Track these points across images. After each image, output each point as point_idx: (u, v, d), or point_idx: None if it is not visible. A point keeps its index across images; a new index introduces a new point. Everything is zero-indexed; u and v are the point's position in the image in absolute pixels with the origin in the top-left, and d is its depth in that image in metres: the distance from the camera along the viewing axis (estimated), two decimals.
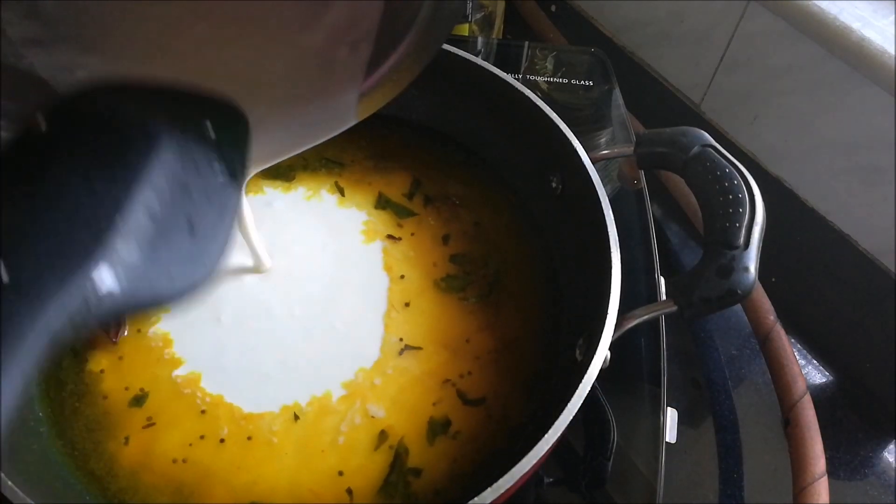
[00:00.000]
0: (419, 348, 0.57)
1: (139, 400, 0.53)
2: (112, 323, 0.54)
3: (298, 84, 0.37)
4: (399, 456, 0.52)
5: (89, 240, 0.26)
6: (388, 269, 0.62)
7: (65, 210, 0.26)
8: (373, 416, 0.53)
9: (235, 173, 0.32)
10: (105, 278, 0.26)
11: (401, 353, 0.57)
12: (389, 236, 0.64)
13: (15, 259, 0.25)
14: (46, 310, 0.25)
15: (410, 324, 0.59)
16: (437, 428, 0.53)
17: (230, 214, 0.33)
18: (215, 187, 0.31)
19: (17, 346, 0.24)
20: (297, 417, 0.53)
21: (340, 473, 0.51)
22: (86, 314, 0.26)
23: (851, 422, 0.69)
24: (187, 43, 0.30)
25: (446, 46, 0.64)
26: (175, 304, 0.31)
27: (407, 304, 0.60)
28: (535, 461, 0.41)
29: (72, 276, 0.25)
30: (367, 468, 0.51)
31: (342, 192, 0.67)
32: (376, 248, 0.63)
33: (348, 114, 0.42)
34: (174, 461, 0.51)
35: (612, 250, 0.51)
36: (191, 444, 0.52)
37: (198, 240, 0.30)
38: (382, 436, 0.53)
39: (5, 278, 0.24)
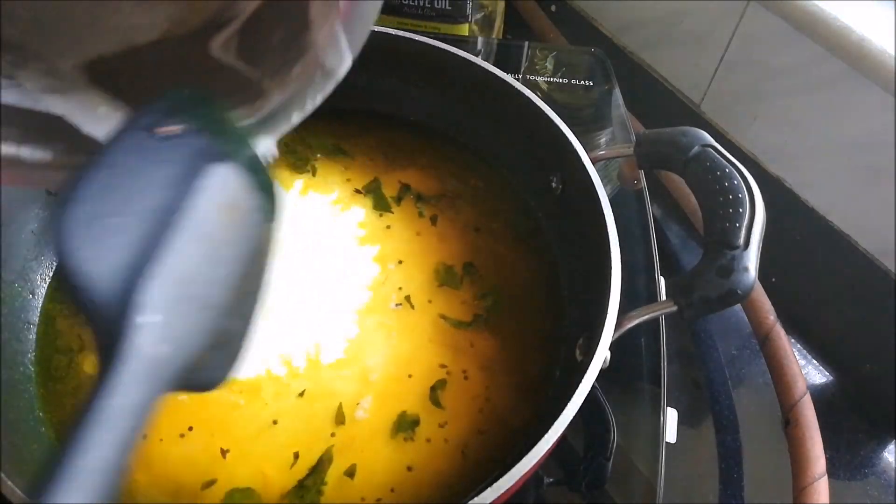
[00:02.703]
0: (418, 347, 0.57)
1: None
2: None
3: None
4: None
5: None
6: (381, 262, 0.62)
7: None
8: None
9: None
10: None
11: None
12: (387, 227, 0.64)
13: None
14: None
15: (408, 321, 0.59)
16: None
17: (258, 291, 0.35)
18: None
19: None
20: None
21: None
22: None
23: (851, 422, 0.69)
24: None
25: (446, 46, 0.64)
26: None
27: (407, 298, 0.60)
28: (535, 461, 0.42)
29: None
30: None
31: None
32: (371, 242, 0.64)
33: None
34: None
35: (612, 250, 0.51)
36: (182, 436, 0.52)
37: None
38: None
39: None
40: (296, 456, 0.51)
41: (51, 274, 0.61)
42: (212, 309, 0.30)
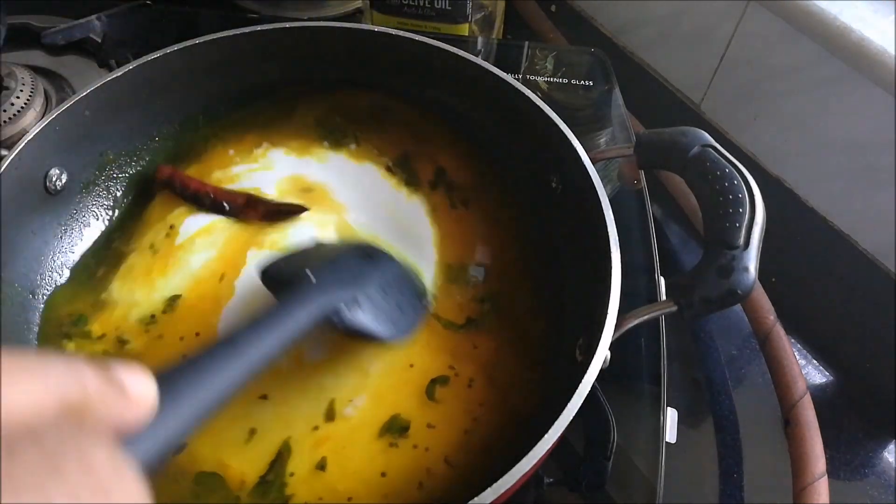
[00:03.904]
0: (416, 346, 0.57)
1: None
2: None
3: None
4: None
5: (350, 291, 0.50)
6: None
7: (347, 274, 0.52)
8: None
9: (422, 302, 0.59)
10: (348, 309, 0.48)
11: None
12: None
13: (324, 272, 0.49)
14: (322, 302, 0.47)
15: None
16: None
17: (418, 314, 0.58)
18: (413, 301, 0.58)
19: (311, 305, 0.46)
20: None
21: None
22: (338, 316, 0.48)
23: (851, 422, 0.69)
24: None
25: (447, 46, 0.64)
26: (377, 341, 0.53)
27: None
28: (534, 461, 0.41)
29: (337, 297, 0.48)
30: None
31: None
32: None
33: None
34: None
35: (612, 250, 0.51)
36: None
37: (402, 315, 0.55)
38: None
39: (314, 280, 0.48)
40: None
41: (50, 274, 0.61)
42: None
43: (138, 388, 0.26)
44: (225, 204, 0.65)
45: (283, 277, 0.51)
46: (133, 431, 0.26)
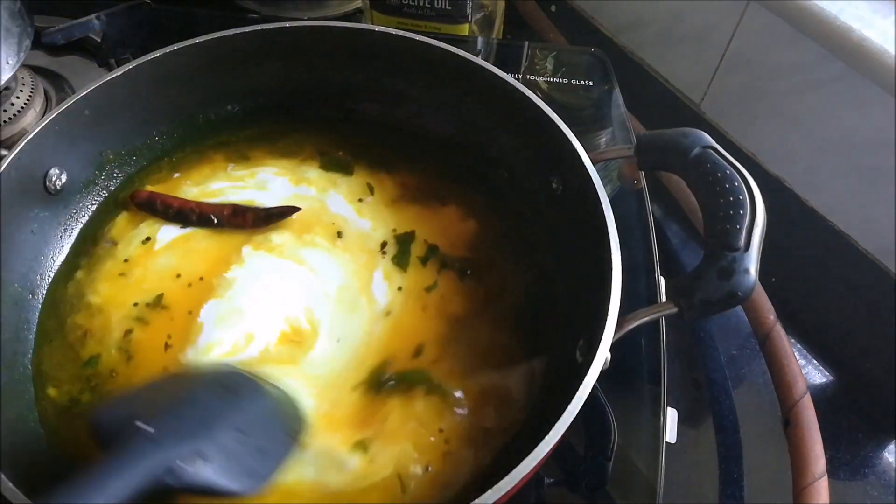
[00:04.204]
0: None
1: None
2: None
3: None
4: None
5: (194, 441, 0.43)
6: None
7: (193, 421, 0.45)
8: None
9: (293, 438, 0.51)
10: (188, 465, 0.42)
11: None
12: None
13: (161, 420, 0.43)
14: (153, 461, 0.40)
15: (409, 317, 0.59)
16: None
17: (285, 454, 0.50)
18: (280, 439, 0.50)
19: (134, 470, 0.39)
20: None
21: None
22: (173, 477, 0.41)
23: (851, 422, 0.69)
24: None
25: (447, 46, 0.64)
26: (230, 496, 0.44)
27: (399, 289, 0.61)
28: (536, 462, 0.42)
29: (173, 453, 0.42)
30: None
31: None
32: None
33: None
34: None
35: (612, 250, 0.51)
36: None
37: (262, 460, 0.47)
38: None
39: (150, 431, 0.42)
40: None
41: (51, 274, 0.61)
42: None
43: None
44: (213, 217, 0.64)
45: (113, 427, 0.43)
46: None
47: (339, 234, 0.64)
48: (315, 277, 0.61)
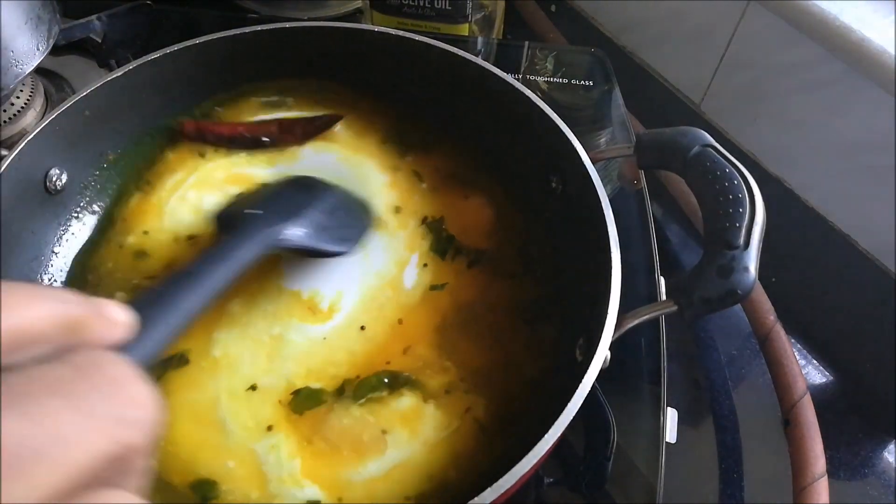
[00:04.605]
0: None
1: None
2: None
3: None
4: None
5: (292, 219, 0.54)
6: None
7: (288, 205, 0.56)
8: None
9: (368, 217, 0.63)
10: (295, 231, 0.53)
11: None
12: None
13: (265, 207, 0.55)
14: (266, 233, 0.51)
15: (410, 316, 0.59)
16: None
17: (366, 227, 0.62)
18: (359, 217, 0.63)
19: (252, 240, 0.50)
20: None
21: None
22: (283, 243, 0.52)
23: (851, 422, 0.69)
24: None
25: (447, 46, 0.64)
26: (329, 255, 0.57)
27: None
28: (535, 461, 0.42)
29: (279, 227, 0.52)
30: None
31: None
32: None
33: None
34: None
35: (612, 250, 0.51)
36: None
37: (349, 229, 0.60)
38: None
39: (261, 211, 0.53)
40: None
41: (51, 274, 0.61)
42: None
43: (117, 313, 0.31)
44: (263, 137, 0.67)
45: (230, 218, 0.55)
46: (116, 349, 0.30)
47: None
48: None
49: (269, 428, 0.52)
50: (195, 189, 0.66)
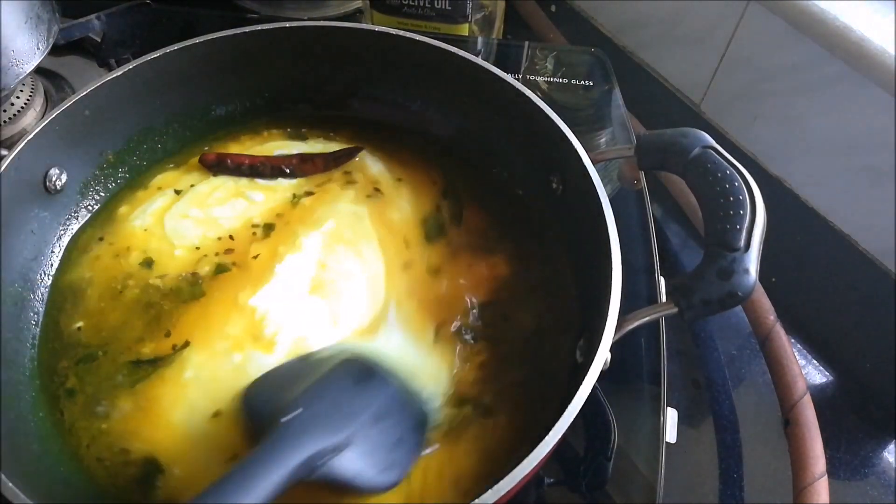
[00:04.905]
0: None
1: None
2: None
3: None
4: None
5: (338, 432, 0.42)
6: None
7: (335, 408, 0.45)
8: None
9: (424, 427, 0.50)
10: (333, 457, 0.42)
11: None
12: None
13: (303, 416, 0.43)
14: (302, 453, 0.40)
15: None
16: None
17: (420, 444, 0.49)
18: (413, 427, 0.49)
19: (283, 463, 0.39)
20: None
21: None
22: (321, 470, 0.41)
23: (851, 422, 0.69)
24: None
25: (447, 46, 0.64)
26: (374, 493, 0.45)
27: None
28: (536, 462, 0.42)
29: (320, 444, 0.41)
30: None
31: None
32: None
33: None
34: None
35: (612, 250, 0.51)
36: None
37: (397, 450, 0.46)
38: None
39: (293, 420, 0.42)
40: None
41: (51, 274, 0.61)
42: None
43: None
44: (284, 167, 0.68)
45: (263, 409, 0.45)
46: None
47: None
48: None
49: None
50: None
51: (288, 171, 0.68)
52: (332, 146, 0.70)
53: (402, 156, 0.71)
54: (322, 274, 0.60)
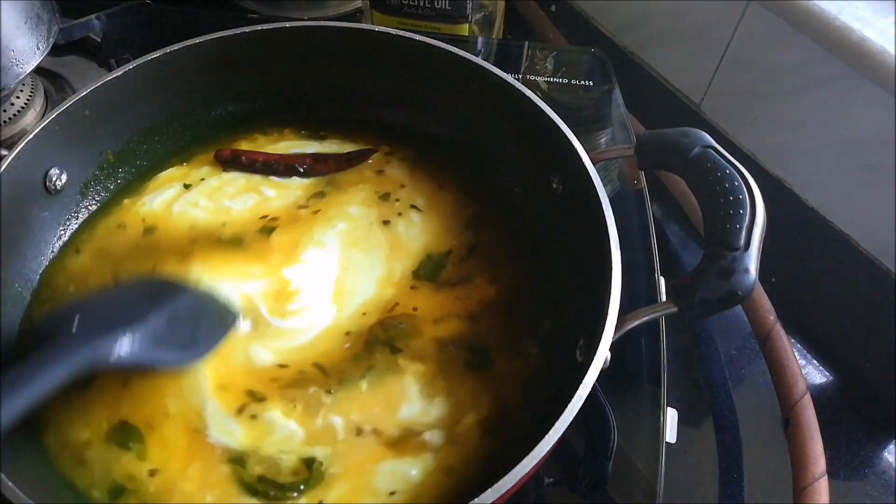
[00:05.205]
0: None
1: None
2: None
3: None
4: None
5: (121, 331, 0.47)
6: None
7: (123, 304, 0.53)
8: None
9: (228, 324, 0.57)
10: (123, 345, 0.47)
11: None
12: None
13: (84, 320, 0.48)
14: (86, 349, 0.46)
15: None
16: None
17: (221, 336, 0.55)
18: (215, 324, 0.56)
19: (57, 361, 0.45)
20: None
21: None
22: (104, 361, 0.47)
23: (851, 422, 0.69)
24: None
25: (447, 46, 0.64)
26: (168, 367, 0.52)
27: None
28: (535, 462, 0.42)
29: (100, 343, 0.47)
30: None
31: None
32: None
33: None
34: None
35: (612, 250, 0.51)
36: None
37: (196, 339, 0.54)
38: None
39: (75, 328, 0.47)
40: None
41: (50, 273, 0.61)
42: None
43: None
44: (297, 166, 0.68)
45: (44, 331, 0.49)
46: None
47: None
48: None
49: None
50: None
51: (302, 169, 0.68)
52: (336, 148, 0.70)
53: (404, 154, 0.71)
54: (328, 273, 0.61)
